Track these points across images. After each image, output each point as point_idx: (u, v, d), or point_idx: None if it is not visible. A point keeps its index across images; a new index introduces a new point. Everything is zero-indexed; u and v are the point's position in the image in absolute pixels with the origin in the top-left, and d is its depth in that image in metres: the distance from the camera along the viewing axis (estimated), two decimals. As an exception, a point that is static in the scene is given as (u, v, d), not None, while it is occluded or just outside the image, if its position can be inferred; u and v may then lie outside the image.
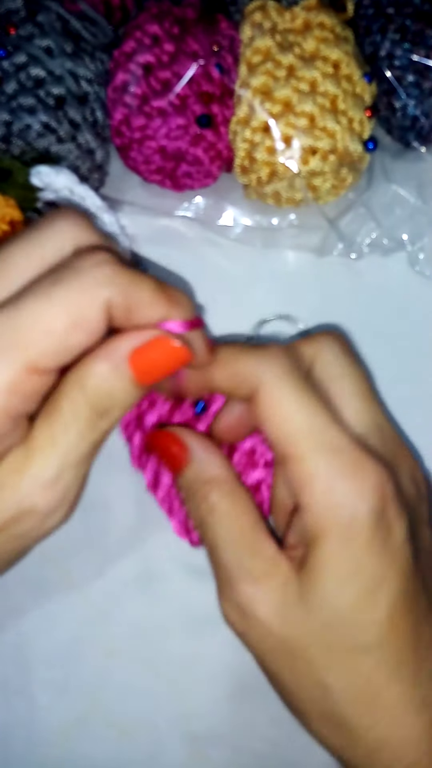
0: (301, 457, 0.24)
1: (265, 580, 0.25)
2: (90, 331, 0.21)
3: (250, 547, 0.26)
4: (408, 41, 0.37)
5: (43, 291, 0.21)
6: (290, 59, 0.35)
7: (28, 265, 0.22)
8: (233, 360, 0.26)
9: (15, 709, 0.33)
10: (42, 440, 0.22)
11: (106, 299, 0.21)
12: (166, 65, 0.36)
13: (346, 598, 0.24)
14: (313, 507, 0.24)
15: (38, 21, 0.37)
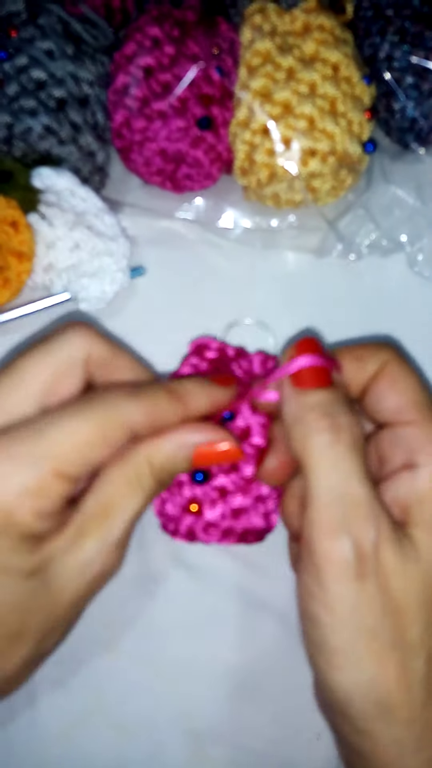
0: (423, 420, 0.26)
1: (357, 516, 0.24)
2: (112, 445, 0.24)
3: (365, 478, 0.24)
4: (407, 43, 0.37)
5: (75, 410, 0.24)
6: (290, 61, 0.36)
7: (44, 375, 0.25)
8: (358, 348, 0.28)
9: (16, 708, 0.33)
10: (102, 506, 0.25)
11: (130, 416, 0.24)
12: (166, 68, 0.36)
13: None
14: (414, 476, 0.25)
15: (39, 23, 0.37)
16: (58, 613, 0.24)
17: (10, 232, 0.36)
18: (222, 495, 0.31)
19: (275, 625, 0.33)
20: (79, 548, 0.24)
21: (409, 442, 0.26)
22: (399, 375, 0.27)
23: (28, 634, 0.24)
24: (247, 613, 0.34)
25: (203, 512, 0.31)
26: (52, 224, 0.37)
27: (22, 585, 0.23)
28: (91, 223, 0.36)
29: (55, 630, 0.25)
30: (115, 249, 0.36)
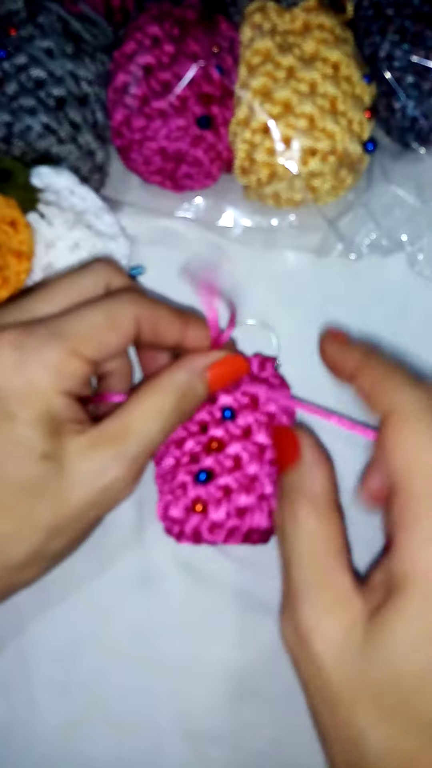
0: (414, 495, 0.23)
1: (331, 614, 0.23)
2: (122, 334, 0.27)
3: (325, 575, 0.24)
4: (407, 42, 0.37)
5: (88, 303, 0.28)
6: (290, 60, 0.36)
7: (70, 292, 0.29)
8: (374, 373, 0.27)
9: (15, 708, 0.33)
10: (122, 426, 0.27)
11: (135, 313, 0.28)
12: (166, 66, 0.36)
13: (415, 663, 0.22)
14: (408, 550, 0.23)
15: (39, 22, 0.37)
16: (66, 511, 0.25)
17: (9, 232, 0.35)
18: (226, 494, 0.31)
19: (275, 626, 0.33)
20: (94, 456, 0.26)
21: (394, 514, 0.24)
22: (402, 433, 0.25)
23: (35, 522, 0.24)
24: (246, 614, 0.34)
25: (208, 512, 0.31)
26: (52, 223, 0.37)
27: (35, 466, 0.24)
28: (90, 222, 0.36)
29: (62, 531, 0.25)
30: (114, 248, 0.36)
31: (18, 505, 0.24)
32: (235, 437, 0.32)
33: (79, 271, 0.30)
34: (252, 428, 0.32)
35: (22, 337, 0.25)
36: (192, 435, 0.32)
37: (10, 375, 0.24)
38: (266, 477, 0.31)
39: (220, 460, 0.31)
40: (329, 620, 0.23)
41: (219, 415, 0.32)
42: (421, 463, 0.24)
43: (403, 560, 0.23)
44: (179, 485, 0.31)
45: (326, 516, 0.25)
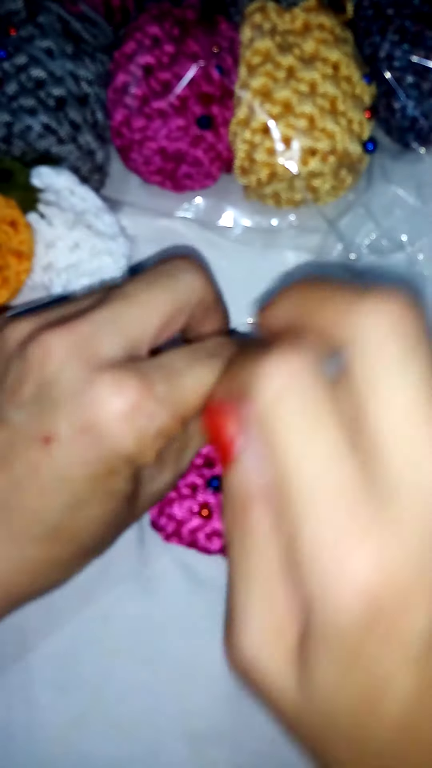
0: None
1: (275, 638, 0.19)
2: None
3: (274, 593, 0.19)
4: (407, 42, 0.37)
5: (204, 361, 0.24)
6: (290, 60, 0.36)
7: (163, 308, 0.25)
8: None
9: (15, 708, 0.33)
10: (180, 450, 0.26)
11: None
12: (166, 66, 0.36)
13: (344, 696, 0.18)
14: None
15: (39, 22, 0.37)
16: (124, 529, 0.26)
17: (10, 232, 0.35)
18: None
19: None
20: (159, 478, 0.26)
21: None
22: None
23: (101, 548, 0.26)
24: None
25: (212, 519, 0.31)
26: (52, 223, 0.37)
27: (120, 506, 0.24)
28: (90, 222, 0.36)
29: (112, 541, 0.26)
30: (114, 248, 0.36)
31: (96, 539, 0.25)
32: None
33: (171, 278, 0.25)
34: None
35: (143, 399, 0.22)
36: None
37: (127, 439, 0.22)
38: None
39: None
40: (272, 644, 0.19)
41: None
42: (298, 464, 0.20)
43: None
44: (188, 485, 0.31)
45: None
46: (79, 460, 0.22)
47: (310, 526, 0.17)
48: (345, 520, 0.17)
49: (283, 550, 0.19)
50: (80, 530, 0.24)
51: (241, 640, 0.20)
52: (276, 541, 0.19)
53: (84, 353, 0.22)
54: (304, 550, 0.17)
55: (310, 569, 0.17)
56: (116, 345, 0.23)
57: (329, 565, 0.17)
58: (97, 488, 0.23)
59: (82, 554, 0.25)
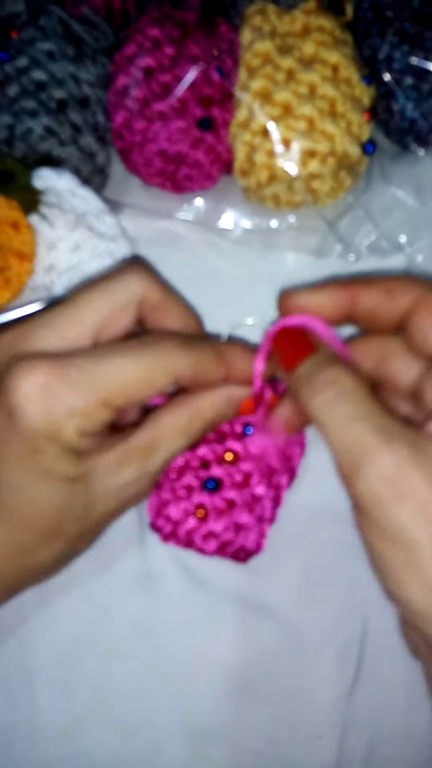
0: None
1: (410, 437, 0.23)
2: (157, 390, 0.26)
3: (381, 408, 0.23)
4: (407, 44, 0.37)
5: (129, 351, 0.26)
6: (289, 62, 0.36)
7: (101, 308, 0.27)
8: (383, 281, 0.27)
9: (16, 708, 0.33)
10: (149, 443, 0.27)
11: (176, 368, 0.26)
12: (166, 69, 0.36)
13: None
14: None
15: (40, 24, 0.37)
16: (89, 523, 0.27)
17: (11, 233, 0.36)
18: (229, 507, 0.31)
19: (275, 625, 0.34)
20: (120, 472, 0.27)
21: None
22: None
23: (62, 534, 0.27)
24: (246, 613, 0.34)
25: (208, 520, 0.31)
26: (53, 225, 0.37)
27: (63, 488, 0.26)
28: (91, 224, 0.36)
29: (85, 536, 0.28)
30: (115, 250, 0.37)
31: (48, 522, 0.26)
32: (250, 456, 0.32)
33: (111, 281, 0.28)
34: (269, 450, 0.32)
35: (51, 380, 0.25)
36: (207, 442, 0.32)
37: (37, 417, 0.25)
38: (270, 500, 0.32)
39: (230, 473, 0.32)
40: (411, 443, 0.23)
41: (240, 430, 0.32)
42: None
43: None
44: (184, 487, 0.32)
45: (358, 379, 0.25)
46: (3, 440, 0.25)
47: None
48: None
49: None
50: (27, 512, 0.26)
51: (389, 455, 0.23)
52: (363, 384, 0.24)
53: (14, 349, 0.26)
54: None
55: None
56: (48, 341, 0.26)
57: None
58: (28, 468, 0.25)
59: (42, 537, 0.26)
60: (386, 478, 0.22)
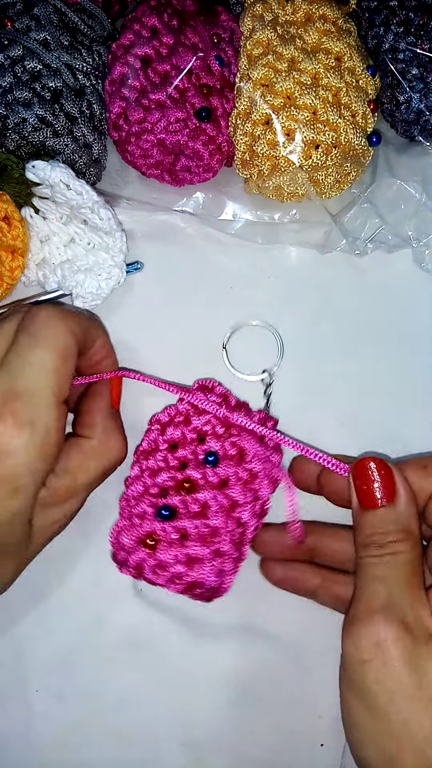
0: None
1: (418, 628, 0.26)
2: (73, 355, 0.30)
3: (415, 594, 0.27)
4: (411, 34, 0.37)
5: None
6: (291, 52, 0.36)
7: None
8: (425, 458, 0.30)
9: (12, 716, 0.33)
10: (72, 486, 0.31)
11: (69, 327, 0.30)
12: (164, 58, 0.36)
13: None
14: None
15: (35, 14, 0.37)
16: (28, 554, 0.31)
17: (3, 227, 0.35)
18: (181, 538, 0.30)
19: (275, 634, 0.33)
20: (49, 513, 0.30)
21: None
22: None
23: (12, 555, 0.30)
24: (246, 621, 0.34)
25: (157, 550, 0.30)
26: (47, 218, 0.37)
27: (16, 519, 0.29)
28: (86, 217, 0.36)
29: (23, 563, 0.31)
30: (111, 244, 0.36)
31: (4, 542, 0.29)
32: (210, 484, 0.31)
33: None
34: (230, 481, 0.31)
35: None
36: (168, 469, 0.31)
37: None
38: (227, 534, 0.30)
39: (187, 502, 0.30)
40: (415, 633, 0.25)
41: (202, 458, 0.31)
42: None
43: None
44: (138, 514, 0.30)
45: (418, 550, 0.28)
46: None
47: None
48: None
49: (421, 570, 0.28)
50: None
51: (384, 620, 0.26)
52: (419, 562, 0.28)
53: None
54: None
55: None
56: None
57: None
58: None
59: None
60: (374, 642, 0.25)
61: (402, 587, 0.26)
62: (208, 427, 0.32)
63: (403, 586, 0.27)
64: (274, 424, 0.34)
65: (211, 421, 0.32)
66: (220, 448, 0.31)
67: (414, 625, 0.25)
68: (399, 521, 0.28)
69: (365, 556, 0.28)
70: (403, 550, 0.27)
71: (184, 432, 0.32)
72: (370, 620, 0.25)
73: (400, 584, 0.27)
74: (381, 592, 0.26)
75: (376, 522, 0.28)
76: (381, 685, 0.25)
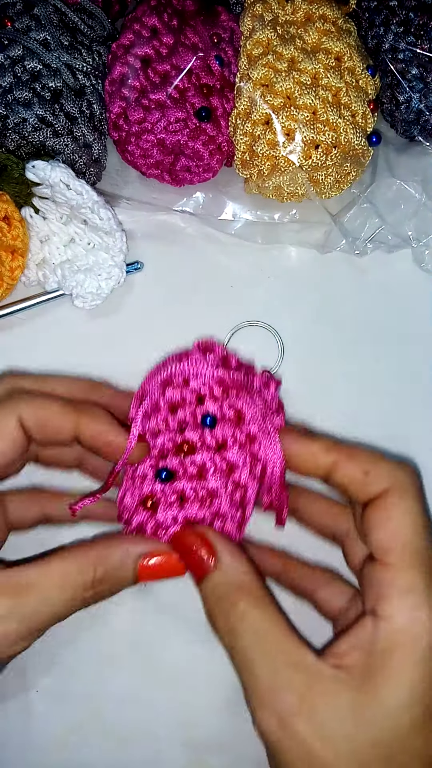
0: (401, 568, 0.26)
1: (307, 692, 0.24)
2: (9, 441, 0.29)
3: (288, 658, 0.25)
4: (412, 34, 0.37)
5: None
6: (291, 51, 0.36)
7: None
8: (358, 462, 0.28)
9: (12, 717, 0.33)
10: (25, 583, 0.27)
11: (18, 416, 0.29)
12: (164, 58, 0.36)
13: (409, 718, 0.24)
14: (396, 619, 0.25)
15: (35, 14, 0.37)
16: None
17: (3, 227, 0.36)
18: (180, 499, 0.30)
19: None
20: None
21: (380, 587, 0.26)
22: (397, 511, 0.27)
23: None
24: None
25: (156, 511, 0.30)
26: (47, 218, 0.37)
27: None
28: (86, 217, 0.36)
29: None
30: (111, 244, 0.36)
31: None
32: (207, 447, 0.31)
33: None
34: (228, 443, 0.31)
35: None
36: (168, 431, 0.31)
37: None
38: (227, 496, 0.30)
39: (185, 465, 0.31)
40: (309, 699, 0.24)
41: (199, 420, 0.31)
42: (410, 538, 0.26)
43: (392, 627, 0.25)
44: (140, 476, 0.31)
45: (265, 601, 0.27)
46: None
47: (421, 584, 0.26)
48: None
49: (285, 621, 0.26)
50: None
51: (279, 703, 0.25)
52: (272, 614, 0.26)
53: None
54: (406, 599, 0.26)
55: (405, 615, 0.26)
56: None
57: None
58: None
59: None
60: (277, 720, 0.24)
61: (273, 656, 0.25)
62: (205, 389, 0.32)
63: (274, 654, 0.25)
64: (277, 384, 0.33)
65: (208, 383, 0.32)
66: (217, 409, 0.31)
67: (304, 682, 0.25)
68: (228, 581, 0.27)
69: (224, 641, 0.27)
70: (247, 609, 0.26)
71: (184, 393, 0.32)
72: (264, 705, 0.25)
73: (270, 653, 0.25)
74: (255, 672, 0.25)
75: (209, 589, 0.27)
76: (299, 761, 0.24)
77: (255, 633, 0.26)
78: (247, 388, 0.32)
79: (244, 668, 0.26)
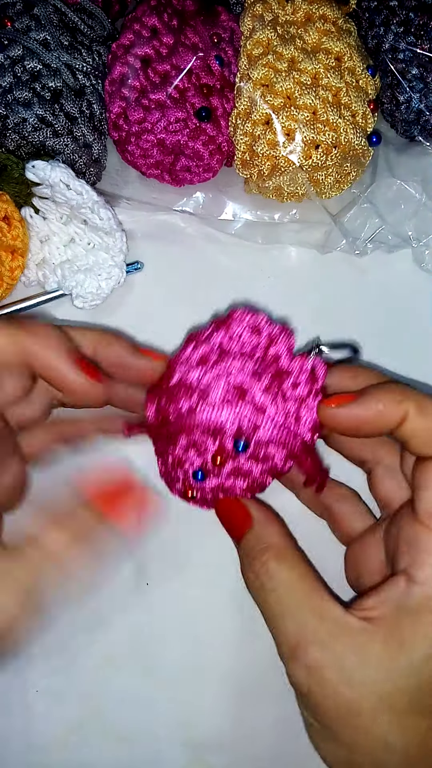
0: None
1: (333, 643, 0.26)
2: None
3: (314, 611, 0.26)
4: (412, 34, 0.37)
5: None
6: (292, 51, 0.36)
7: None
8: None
9: (12, 717, 0.33)
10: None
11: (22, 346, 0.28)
12: (164, 58, 0.36)
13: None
14: (426, 573, 0.26)
15: (35, 14, 0.37)
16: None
17: (3, 227, 0.36)
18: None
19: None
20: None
21: (417, 551, 0.27)
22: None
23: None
24: (245, 620, 0.34)
25: (221, 468, 0.30)
26: (47, 218, 0.37)
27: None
28: (86, 217, 0.36)
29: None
30: (111, 243, 0.36)
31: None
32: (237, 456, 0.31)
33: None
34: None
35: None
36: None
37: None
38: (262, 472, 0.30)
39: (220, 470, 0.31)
40: (333, 648, 0.26)
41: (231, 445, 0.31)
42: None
43: (423, 594, 0.26)
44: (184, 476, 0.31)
45: (294, 560, 0.28)
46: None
47: None
48: None
49: (313, 577, 0.28)
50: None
51: (309, 655, 0.26)
52: (301, 571, 0.28)
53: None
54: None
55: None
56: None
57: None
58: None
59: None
60: (306, 671, 0.26)
61: (300, 610, 0.26)
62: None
63: (301, 608, 0.26)
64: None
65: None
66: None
67: (331, 633, 0.26)
68: (260, 541, 0.28)
69: (254, 595, 0.28)
70: (276, 567, 0.27)
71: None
72: (293, 659, 0.26)
73: (298, 607, 0.26)
74: (286, 624, 0.26)
75: (244, 550, 0.29)
76: (334, 708, 0.25)
77: (284, 587, 0.27)
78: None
79: (273, 622, 0.27)
